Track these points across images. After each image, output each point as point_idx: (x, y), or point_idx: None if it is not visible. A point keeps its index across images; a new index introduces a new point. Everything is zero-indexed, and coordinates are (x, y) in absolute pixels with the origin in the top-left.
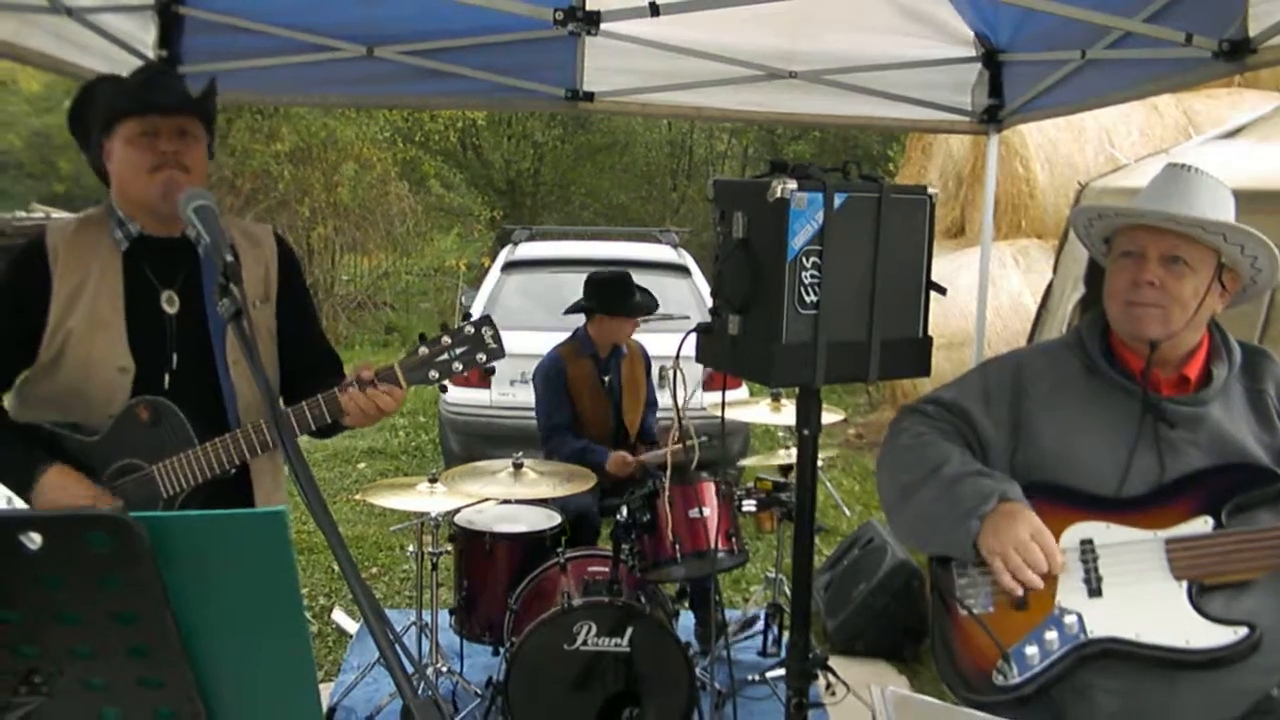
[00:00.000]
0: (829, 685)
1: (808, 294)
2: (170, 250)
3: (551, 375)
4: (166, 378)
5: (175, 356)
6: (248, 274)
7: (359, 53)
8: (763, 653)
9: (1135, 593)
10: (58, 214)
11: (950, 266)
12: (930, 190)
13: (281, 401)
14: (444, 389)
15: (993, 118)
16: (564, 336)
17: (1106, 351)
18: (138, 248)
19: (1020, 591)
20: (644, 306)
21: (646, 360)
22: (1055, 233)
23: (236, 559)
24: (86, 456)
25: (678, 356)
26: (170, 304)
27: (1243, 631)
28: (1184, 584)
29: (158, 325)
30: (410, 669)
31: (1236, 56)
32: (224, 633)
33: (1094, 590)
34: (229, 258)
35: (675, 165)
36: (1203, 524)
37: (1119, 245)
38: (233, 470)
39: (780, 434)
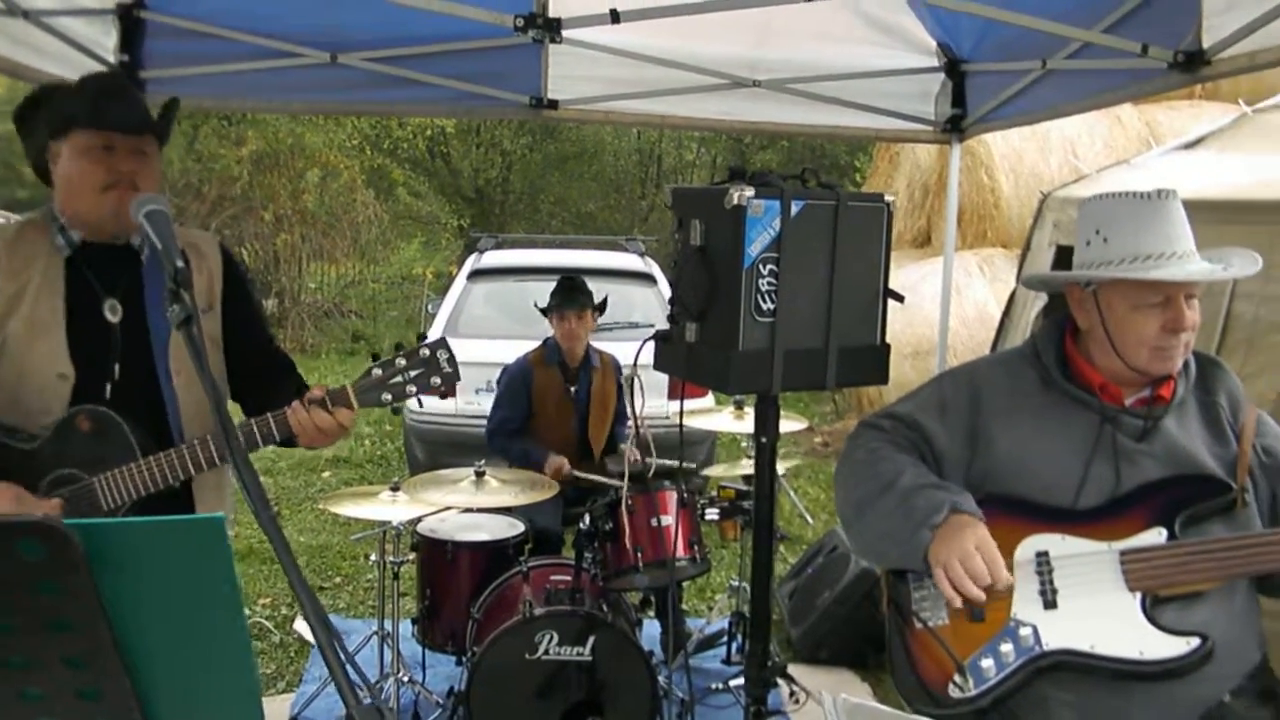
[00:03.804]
0: (793, 693)
1: (765, 301)
2: (114, 258)
3: (516, 379)
4: (108, 387)
5: (118, 366)
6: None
7: (322, 59)
8: (727, 661)
9: (1090, 605)
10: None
11: (916, 275)
12: (888, 198)
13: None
14: (396, 411)
15: (956, 127)
16: (529, 345)
17: (1062, 364)
18: (80, 254)
19: (959, 602)
20: (583, 301)
21: (618, 373)
22: (1020, 242)
23: (174, 566)
24: (22, 464)
25: (635, 364)
26: (113, 312)
27: (1195, 642)
28: (1138, 595)
29: (100, 333)
30: (354, 676)
31: (1191, 68)
32: (163, 641)
33: (1049, 602)
34: (179, 263)
35: (644, 174)
36: (1156, 535)
37: (1133, 293)
38: (177, 484)
39: (744, 443)
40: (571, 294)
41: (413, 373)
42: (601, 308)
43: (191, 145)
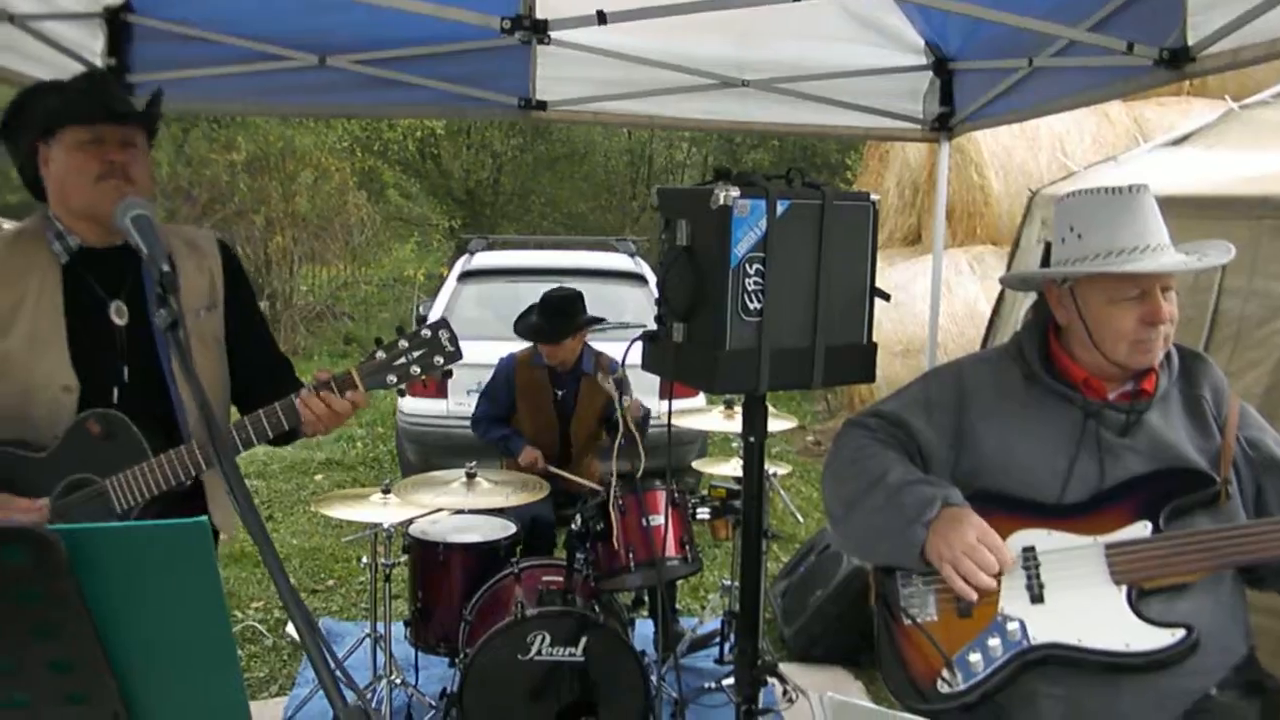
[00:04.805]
0: (786, 691)
1: (751, 301)
2: (114, 260)
3: (501, 374)
4: (116, 392)
5: (126, 369)
6: (191, 282)
7: (311, 62)
8: (720, 660)
9: (1076, 598)
10: (9, 224)
11: (907, 274)
12: (873, 196)
13: (234, 411)
14: (401, 393)
15: (944, 125)
16: (519, 346)
17: (1046, 360)
18: (79, 260)
19: (975, 597)
20: (554, 335)
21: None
22: (1010, 239)
23: (159, 571)
24: (35, 474)
25: (623, 365)
26: (120, 315)
27: (1180, 634)
28: (1124, 588)
29: (107, 339)
30: (339, 676)
31: (1176, 65)
32: (149, 645)
33: (1036, 596)
34: (165, 268)
35: (635, 174)
36: (1141, 529)
37: (1109, 288)
38: (188, 482)
39: (734, 442)
40: (546, 326)
41: (416, 353)
42: (589, 323)
43: (181, 149)
